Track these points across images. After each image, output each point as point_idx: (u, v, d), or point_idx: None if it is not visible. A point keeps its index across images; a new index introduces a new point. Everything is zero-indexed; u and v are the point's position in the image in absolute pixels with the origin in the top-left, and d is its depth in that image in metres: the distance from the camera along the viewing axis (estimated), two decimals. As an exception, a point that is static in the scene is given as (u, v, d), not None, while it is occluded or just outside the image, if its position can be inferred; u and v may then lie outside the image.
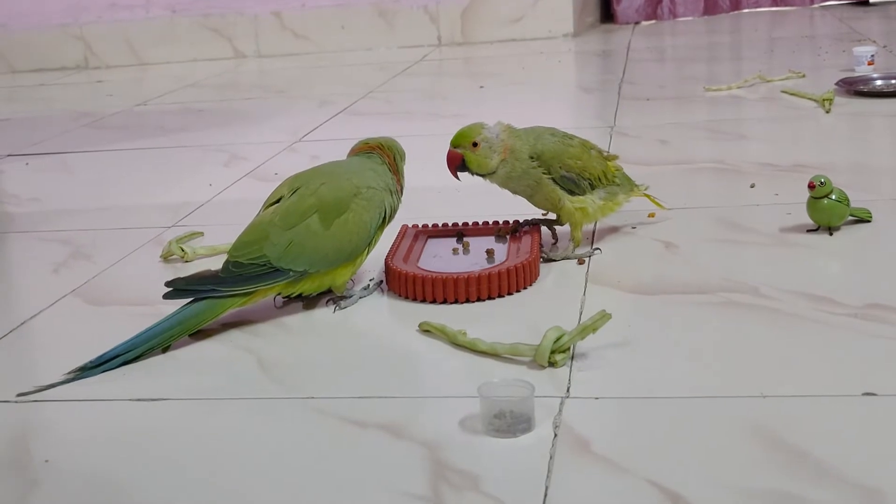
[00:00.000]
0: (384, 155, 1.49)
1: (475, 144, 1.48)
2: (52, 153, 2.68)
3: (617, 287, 1.42)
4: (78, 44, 4.45)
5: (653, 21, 4.44)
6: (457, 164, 1.50)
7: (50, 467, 1.05)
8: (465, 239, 1.57)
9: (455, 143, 1.50)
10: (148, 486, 1.00)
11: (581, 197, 1.52)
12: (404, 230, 1.60)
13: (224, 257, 1.40)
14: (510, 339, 1.22)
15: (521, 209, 1.60)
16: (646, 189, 1.65)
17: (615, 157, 1.61)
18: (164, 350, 1.31)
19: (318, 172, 1.46)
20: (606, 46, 3.88)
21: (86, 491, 1.00)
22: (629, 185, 1.60)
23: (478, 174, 1.51)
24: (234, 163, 2.37)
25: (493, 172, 1.50)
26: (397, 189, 1.49)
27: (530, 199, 1.55)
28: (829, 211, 1.54)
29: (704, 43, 3.82)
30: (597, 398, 1.11)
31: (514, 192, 1.54)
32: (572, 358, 1.20)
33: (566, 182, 1.51)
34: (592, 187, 1.54)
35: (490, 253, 1.51)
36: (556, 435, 1.03)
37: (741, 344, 1.22)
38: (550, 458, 0.99)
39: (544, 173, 1.50)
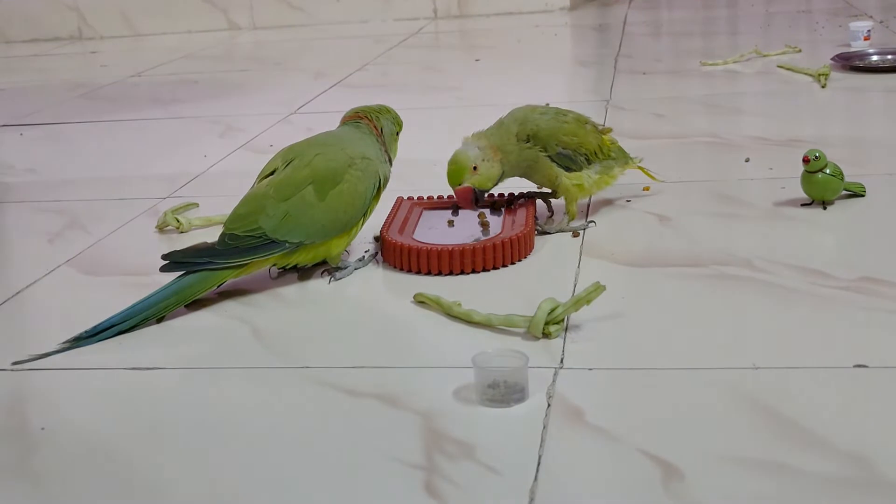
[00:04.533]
0: (369, 123, 1.49)
1: (475, 169, 1.47)
2: (47, 124, 2.67)
3: (611, 259, 1.43)
4: (72, 14, 4.43)
5: (649, -5, 4.43)
6: (471, 197, 1.48)
7: (46, 434, 1.06)
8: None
9: (456, 182, 1.47)
10: (143, 454, 1.01)
11: (577, 172, 1.53)
12: (399, 202, 1.60)
13: (219, 228, 1.40)
14: (505, 311, 1.23)
15: (516, 183, 1.60)
16: (640, 161, 1.65)
17: (609, 130, 1.61)
18: (159, 320, 1.31)
19: (311, 144, 1.46)
20: (603, 20, 3.87)
21: (82, 458, 1.01)
22: (624, 159, 1.61)
23: (491, 188, 1.50)
24: (230, 134, 2.37)
25: (501, 175, 1.50)
26: (385, 157, 1.49)
27: (529, 177, 1.55)
28: (823, 185, 1.55)
29: (701, 17, 3.81)
30: (590, 369, 1.12)
31: (512, 175, 1.54)
32: (566, 329, 1.20)
33: (563, 159, 1.51)
34: (589, 162, 1.54)
35: (485, 225, 1.52)
36: (549, 405, 1.04)
37: (734, 316, 1.23)
38: (544, 427, 1.00)
39: (541, 151, 1.50)
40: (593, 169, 1.55)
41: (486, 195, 1.51)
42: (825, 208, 1.56)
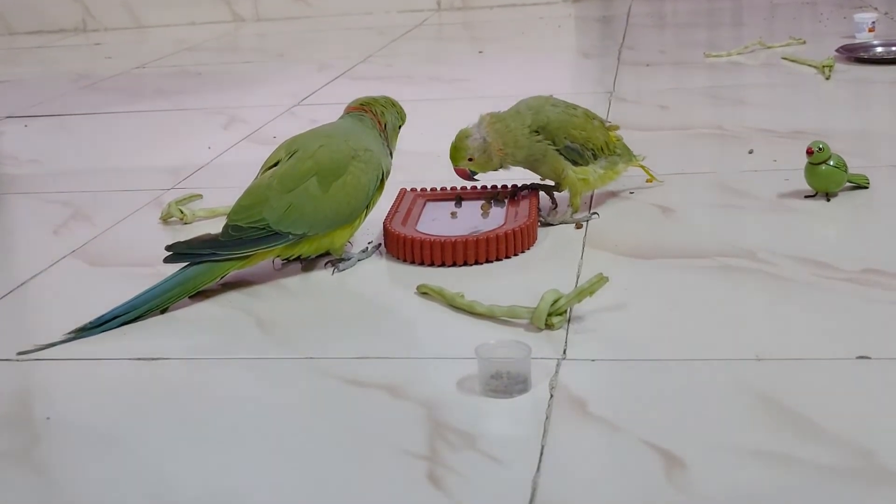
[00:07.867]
0: (373, 117, 1.49)
1: (471, 160, 1.51)
2: (51, 115, 2.67)
3: (614, 251, 1.43)
4: (76, 6, 4.42)
5: (654, -14, 4.42)
6: (467, 176, 1.54)
7: (51, 424, 1.06)
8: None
9: (455, 162, 1.52)
10: (147, 443, 1.01)
11: (584, 167, 1.53)
12: (403, 193, 1.61)
13: (223, 219, 1.40)
14: (508, 302, 1.23)
15: (520, 174, 1.60)
16: (642, 160, 1.65)
17: (616, 128, 1.61)
18: (164, 311, 1.32)
19: (315, 135, 1.46)
20: (606, 12, 3.86)
21: (86, 447, 1.01)
22: (628, 156, 1.61)
23: (489, 171, 1.54)
24: (233, 126, 2.37)
25: (501, 166, 1.53)
26: (387, 150, 1.49)
27: (534, 170, 1.55)
28: (826, 177, 1.55)
29: (705, 9, 3.80)
30: (593, 360, 1.12)
31: (517, 166, 1.55)
32: (569, 320, 1.21)
33: (570, 153, 1.52)
34: (595, 157, 1.54)
35: (485, 209, 1.53)
36: (552, 396, 1.04)
37: (737, 307, 1.23)
38: (547, 418, 1.00)
39: (549, 144, 1.50)
40: (599, 164, 1.55)
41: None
42: (829, 200, 1.56)
